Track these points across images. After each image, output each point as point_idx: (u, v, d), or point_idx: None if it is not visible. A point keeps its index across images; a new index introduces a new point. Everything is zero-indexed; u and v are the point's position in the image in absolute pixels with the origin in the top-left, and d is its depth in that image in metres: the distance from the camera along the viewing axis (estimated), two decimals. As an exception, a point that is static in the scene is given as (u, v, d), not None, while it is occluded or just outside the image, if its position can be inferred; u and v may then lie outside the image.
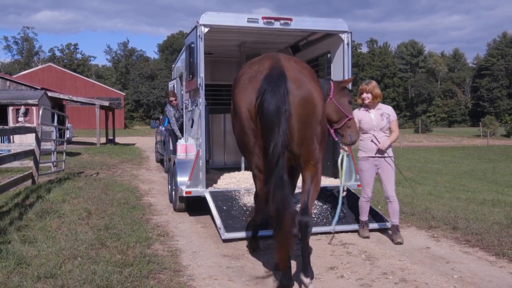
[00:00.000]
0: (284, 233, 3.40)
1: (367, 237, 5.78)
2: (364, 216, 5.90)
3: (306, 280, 3.90)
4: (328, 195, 6.81)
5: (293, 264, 4.50)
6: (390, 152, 5.75)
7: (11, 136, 17.93)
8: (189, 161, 7.10)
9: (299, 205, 4.12)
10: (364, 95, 5.70)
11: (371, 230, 5.99)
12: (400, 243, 5.51)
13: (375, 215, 6.28)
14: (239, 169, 8.96)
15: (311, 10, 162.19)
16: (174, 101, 10.16)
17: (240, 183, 7.40)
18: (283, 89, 3.45)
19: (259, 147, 3.66)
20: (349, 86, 5.60)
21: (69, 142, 22.07)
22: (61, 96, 27.24)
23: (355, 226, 6.07)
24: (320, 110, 3.71)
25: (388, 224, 6.03)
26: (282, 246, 3.48)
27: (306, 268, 3.93)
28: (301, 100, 3.57)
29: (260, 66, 3.80)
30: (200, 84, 6.62)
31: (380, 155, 5.69)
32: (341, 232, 5.98)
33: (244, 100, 3.77)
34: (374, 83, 5.78)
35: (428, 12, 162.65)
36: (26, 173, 8.63)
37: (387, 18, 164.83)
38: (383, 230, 6.12)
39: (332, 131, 5.28)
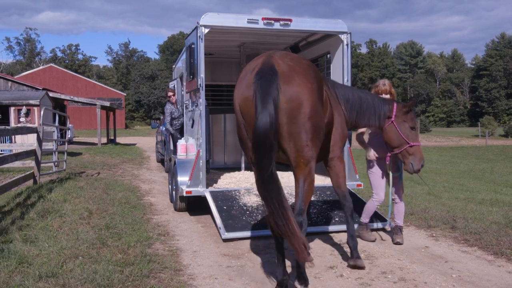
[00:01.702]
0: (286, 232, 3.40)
1: (374, 240, 5.66)
2: (367, 219, 5.75)
3: (299, 287, 3.86)
4: (327, 195, 6.85)
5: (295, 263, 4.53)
6: None
7: (13, 136, 18.01)
8: (190, 161, 7.13)
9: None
10: (384, 95, 5.51)
11: (371, 230, 6.01)
12: (399, 243, 5.52)
13: (374, 215, 6.30)
14: (239, 169, 9.00)
15: (311, 11, 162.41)
16: (172, 97, 10.26)
17: (240, 183, 7.43)
18: (271, 84, 3.53)
19: (251, 141, 3.75)
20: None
21: (70, 142, 22.11)
22: (63, 97, 27.33)
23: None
24: (308, 105, 3.69)
25: (388, 224, 6.07)
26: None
27: (300, 274, 3.89)
28: (286, 95, 3.62)
29: (255, 63, 3.89)
30: (200, 84, 6.65)
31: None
32: (341, 232, 6.01)
33: (237, 95, 3.90)
34: (388, 81, 5.57)
35: (428, 12, 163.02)
36: (28, 173, 8.66)
37: (387, 19, 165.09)
38: (382, 230, 6.15)
39: (388, 154, 5.20)
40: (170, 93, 10.29)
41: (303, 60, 4.06)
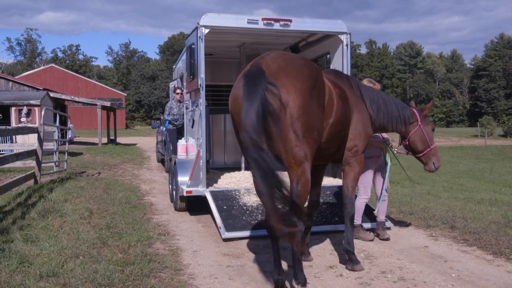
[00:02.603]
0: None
1: (373, 239, 5.71)
2: (359, 219, 5.78)
3: (297, 287, 3.86)
4: (327, 195, 6.86)
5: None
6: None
7: (14, 136, 18.02)
8: (190, 161, 7.15)
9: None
10: None
11: (370, 230, 6.03)
12: (389, 239, 5.67)
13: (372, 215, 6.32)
14: (239, 169, 9.01)
15: (311, 11, 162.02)
16: (178, 94, 10.51)
17: (240, 182, 7.45)
18: (257, 85, 3.54)
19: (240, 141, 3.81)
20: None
21: (71, 142, 22.14)
22: (63, 97, 27.37)
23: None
24: (295, 105, 3.62)
25: (391, 223, 6.12)
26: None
27: (297, 274, 3.87)
28: (271, 95, 3.59)
29: (249, 64, 3.93)
30: (200, 84, 6.67)
31: (380, 154, 5.74)
32: (341, 231, 6.01)
33: (230, 97, 3.96)
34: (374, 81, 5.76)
35: (428, 13, 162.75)
36: (29, 172, 8.69)
37: (387, 19, 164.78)
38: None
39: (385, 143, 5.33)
40: (178, 91, 10.54)
41: (300, 60, 3.98)
